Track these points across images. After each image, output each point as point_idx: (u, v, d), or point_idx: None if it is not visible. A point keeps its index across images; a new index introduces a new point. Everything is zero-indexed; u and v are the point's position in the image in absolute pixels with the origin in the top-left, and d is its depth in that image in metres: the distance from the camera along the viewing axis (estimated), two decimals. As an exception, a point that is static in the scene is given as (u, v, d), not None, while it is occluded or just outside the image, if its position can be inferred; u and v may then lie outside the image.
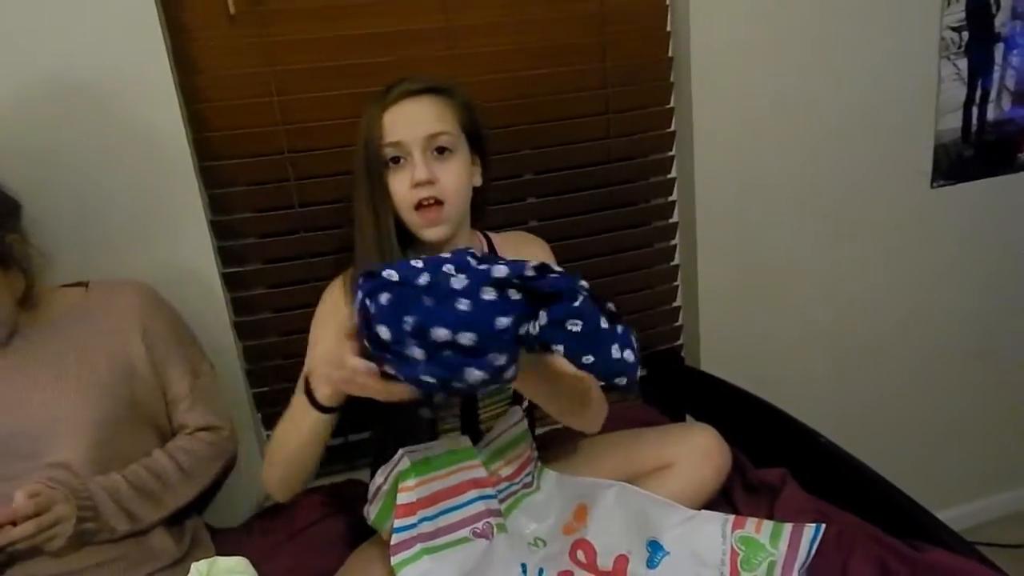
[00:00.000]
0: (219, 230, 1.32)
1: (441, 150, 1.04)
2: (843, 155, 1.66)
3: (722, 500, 1.20)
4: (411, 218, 1.05)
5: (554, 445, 1.26)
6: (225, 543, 1.22)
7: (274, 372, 1.41)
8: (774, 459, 1.22)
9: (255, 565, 0.95)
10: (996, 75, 1.75)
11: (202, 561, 0.80)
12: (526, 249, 1.17)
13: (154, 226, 1.25)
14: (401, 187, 1.03)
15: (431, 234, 1.05)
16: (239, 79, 1.27)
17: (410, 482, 0.97)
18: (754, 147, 1.57)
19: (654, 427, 1.24)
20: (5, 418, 1.04)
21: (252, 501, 1.38)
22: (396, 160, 1.03)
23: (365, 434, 1.47)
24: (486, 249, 1.16)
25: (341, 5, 1.28)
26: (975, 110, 1.75)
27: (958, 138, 1.76)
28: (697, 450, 1.11)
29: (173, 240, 1.27)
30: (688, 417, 1.53)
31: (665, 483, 1.08)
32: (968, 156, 1.78)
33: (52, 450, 1.04)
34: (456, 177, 1.04)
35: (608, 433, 1.18)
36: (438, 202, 1.04)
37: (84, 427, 1.06)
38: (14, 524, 0.93)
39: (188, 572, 0.81)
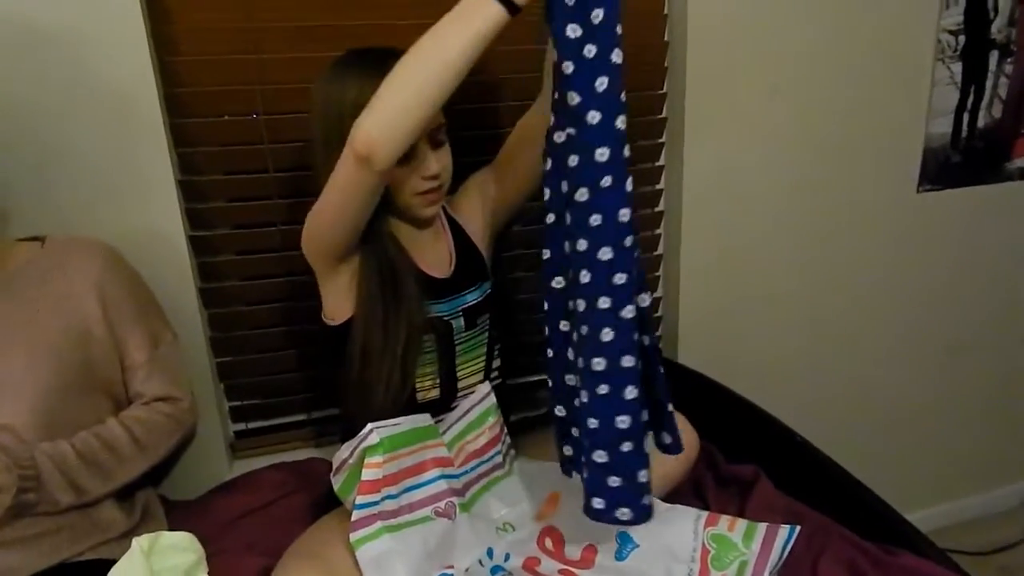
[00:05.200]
0: (187, 191, 1.26)
1: (440, 141, 1.04)
2: (833, 153, 1.64)
3: (693, 494, 1.18)
4: (410, 201, 1.05)
5: (529, 432, 1.23)
6: (179, 518, 1.17)
7: (239, 342, 1.36)
8: (748, 455, 1.20)
9: (211, 541, 0.91)
10: (989, 82, 1.74)
11: (144, 536, 0.76)
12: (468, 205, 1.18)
13: (119, 183, 1.19)
14: (407, 179, 1.03)
15: (430, 211, 1.08)
16: (215, 33, 1.20)
17: (377, 458, 0.93)
18: (744, 138, 1.54)
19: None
20: (-54, 377, 0.98)
21: (211, 474, 1.33)
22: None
23: (329, 412, 1.43)
24: (445, 220, 1.16)
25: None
26: (966, 116, 1.74)
27: (947, 143, 1.74)
28: None
29: (139, 199, 1.21)
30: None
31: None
32: (956, 162, 1.77)
33: (-4, 413, 0.98)
34: (450, 162, 1.07)
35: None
36: (440, 187, 1.06)
37: (31, 390, 1.00)
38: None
39: (133, 547, 0.76)
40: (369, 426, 0.94)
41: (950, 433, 2.01)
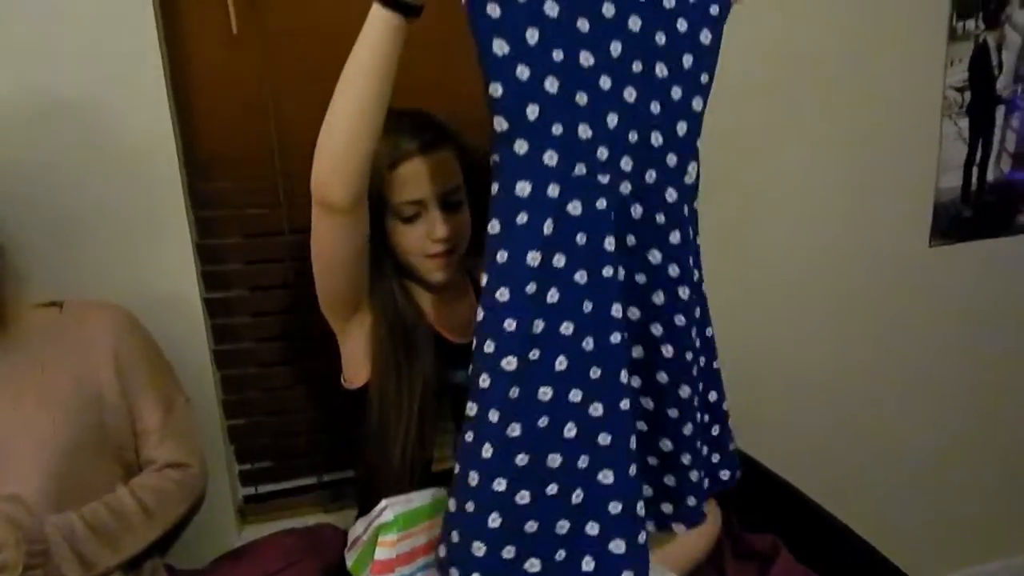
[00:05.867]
0: (204, 254, 1.26)
1: (454, 202, 1.03)
2: (845, 212, 1.64)
3: (710, 564, 1.14)
4: (422, 264, 1.04)
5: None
6: (186, 587, 1.14)
7: (252, 404, 1.34)
8: (766, 523, 1.17)
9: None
10: (996, 136, 1.75)
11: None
12: None
13: (137, 246, 1.20)
14: (417, 240, 1.02)
15: (441, 275, 1.05)
16: (236, 99, 1.23)
17: (391, 536, 0.90)
18: (753, 193, 1.55)
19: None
20: (-42, 444, 0.97)
21: (219, 540, 1.30)
22: (411, 217, 1.01)
23: (340, 474, 1.41)
24: (469, 282, 1.14)
25: (345, 27, 1.25)
26: (975, 170, 1.75)
27: (957, 197, 1.75)
28: None
29: (156, 261, 1.21)
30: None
31: (653, 547, 1.03)
32: (967, 216, 1.77)
33: (4, 479, 0.97)
34: (466, 226, 1.05)
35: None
36: (452, 251, 1.04)
37: (42, 454, 0.99)
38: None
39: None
40: (383, 503, 0.92)
41: (976, 493, 1.96)
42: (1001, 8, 1.66)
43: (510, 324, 0.78)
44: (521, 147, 0.77)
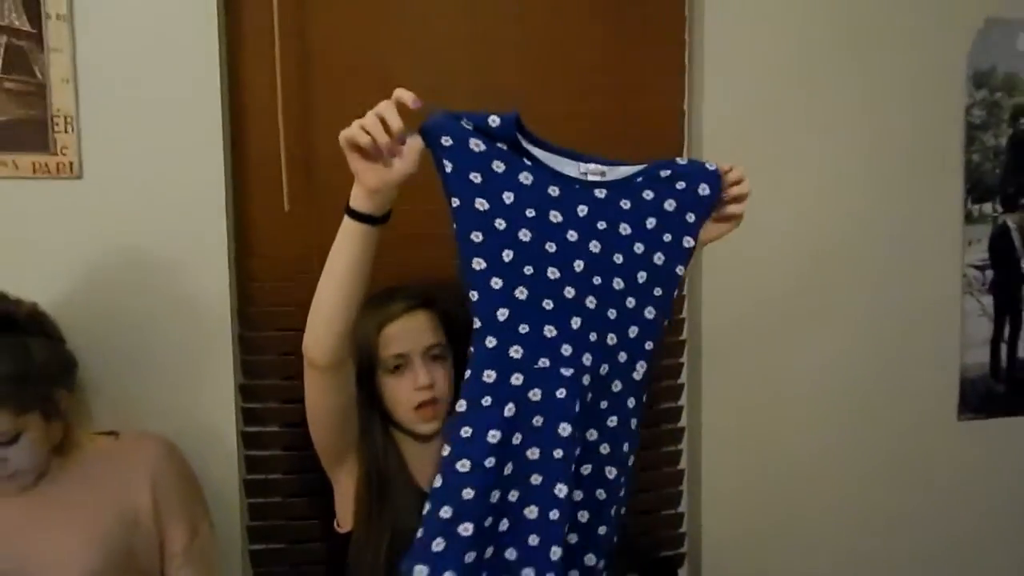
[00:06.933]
0: (246, 393, 1.44)
1: (435, 356, 1.17)
2: (871, 389, 1.67)
3: None
4: (409, 416, 1.18)
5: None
6: None
7: (276, 531, 1.47)
8: None
9: None
10: (1025, 314, 1.75)
11: None
12: None
13: (188, 383, 1.38)
14: (404, 390, 1.17)
15: (427, 428, 1.18)
16: (285, 263, 1.43)
17: None
18: (778, 368, 1.61)
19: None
20: (16, 553, 1.13)
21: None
22: (397, 368, 1.16)
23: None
24: None
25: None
26: (1004, 346, 1.74)
27: (986, 373, 1.74)
28: None
29: (204, 398, 1.39)
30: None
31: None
32: (998, 392, 1.75)
33: (40, 589, 1.12)
34: (449, 379, 1.19)
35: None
36: (435, 400, 1.17)
37: (79, 571, 1.13)
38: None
39: None
40: None
41: None
42: (1021, 193, 1.71)
43: (468, 493, 0.90)
44: (491, 342, 0.93)
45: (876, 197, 1.63)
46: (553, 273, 0.95)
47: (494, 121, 0.93)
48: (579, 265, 0.96)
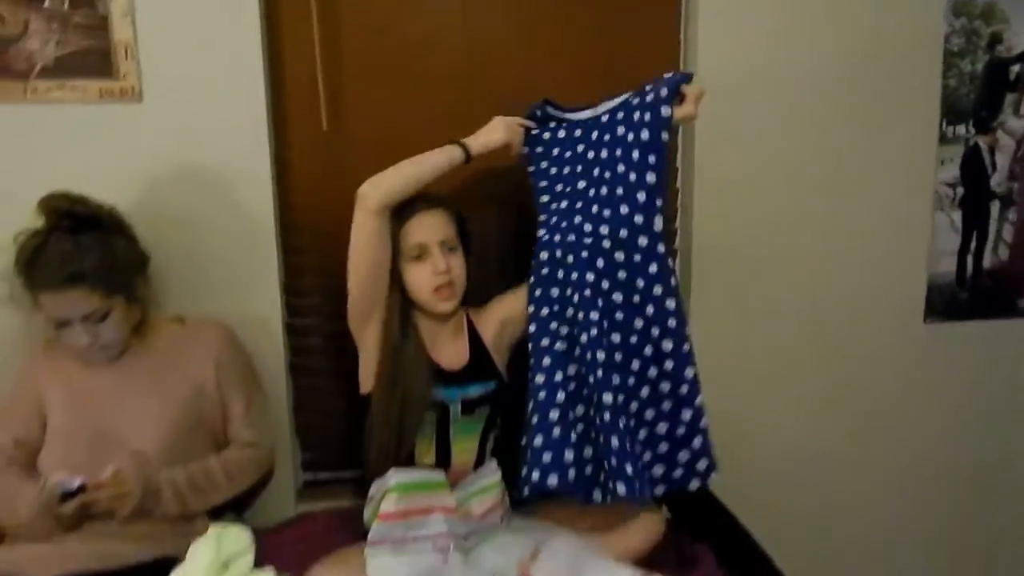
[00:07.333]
0: (289, 289, 1.67)
1: (450, 248, 1.39)
2: (841, 294, 1.85)
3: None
4: (428, 298, 1.39)
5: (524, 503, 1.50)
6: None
7: (316, 407, 1.72)
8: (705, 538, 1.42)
9: (270, 557, 1.24)
10: (992, 228, 1.90)
11: (217, 525, 1.10)
12: (488, 318, 1.52)
13: (240, 280, 1.61)
14: (424, 275, 1.39)
15: (445, 307, 1.41)
16: (322, 177, 1.64)
17: (393, 496, 1.26)
18: (751, 276, 1.80)
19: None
20: (106, 414, 1.39)
21: (279, 511, 1.67)
22: (418, 257, 1.37)
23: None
24: (466, 325, 1.49)
25: (411, 127, 1.63)
26: (970, 258, 1.91)
27: (952, 281, 1.91)
28: (632, 517, 1.36)
29: (253, 293, 1.62)
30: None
31: (602, 539, 1.32)
32: (963, 299, 1.92)
33: (136, 443, 1.37)
34: (461, 266, 1.43)
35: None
36: (450, 284, 1.38)
37: (161, 430, 1.39)
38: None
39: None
40: (391, 471, 1.27)
41: (963, 565, 2.06)
42: (992, 116, 1.84)
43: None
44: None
45: (858, 120, 1.77)
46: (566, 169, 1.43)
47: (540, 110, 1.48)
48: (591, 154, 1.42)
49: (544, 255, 1.43)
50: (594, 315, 1.35)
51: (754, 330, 1.82)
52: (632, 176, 1.35)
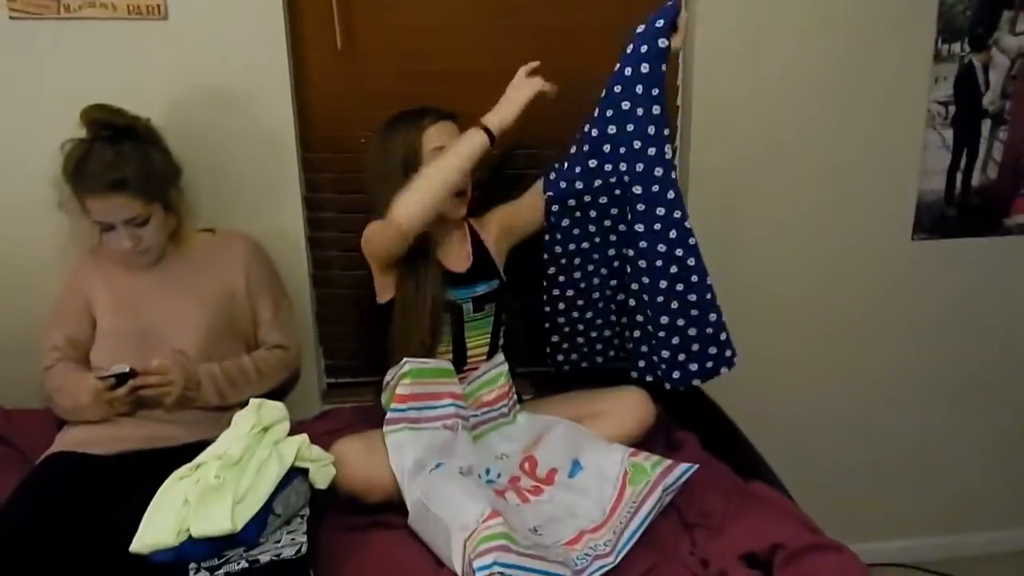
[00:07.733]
0: (310, 204, 1.77)
1: None
2: (830, 205, 1.93)
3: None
4: (450, 204, 1.48)
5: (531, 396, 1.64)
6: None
7: (338, 316, 1.85)
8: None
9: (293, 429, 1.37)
10: (982, 147, 1.97)
11: (256, 399, 1.24)
12: (489, 225, 1.63)
13: (266, 195, 1.71)
14: None
15: (459, 212, 1.53)
16: (338, 94, 1.72)
17: (407, 381, 1.39)
18: (745, 195, 1.87)
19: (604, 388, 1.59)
20: (148, 315, 1.51)
21: (306, 409, 1.81)
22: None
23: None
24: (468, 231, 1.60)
25: (421, 48, 1.71)
26: (959, 175, 1.98)
27: (941, 199, 1.99)
28: (626, 404, 1.50)
29: (277, 207, 1.72)
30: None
31: (599, 425, 1.46)
32: (951, 216, 2.01)
33: (176, 342, 1.50)
34: (473, 177, 1.52)
35: (569, 392, 1.58)
36: (466, 191, 1.50)
37: (198, 330, 1.52)
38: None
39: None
40: (405, 359, 1.39)
41: (952, 469, 2.20)
42: (988, 34, 1.88)
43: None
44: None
45: (855, 39, 1.81)
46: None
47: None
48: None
49: (557, 207, 1.54)
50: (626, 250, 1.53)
51: (745, 245, 1.91)
52: (639, 111, 1.41)
